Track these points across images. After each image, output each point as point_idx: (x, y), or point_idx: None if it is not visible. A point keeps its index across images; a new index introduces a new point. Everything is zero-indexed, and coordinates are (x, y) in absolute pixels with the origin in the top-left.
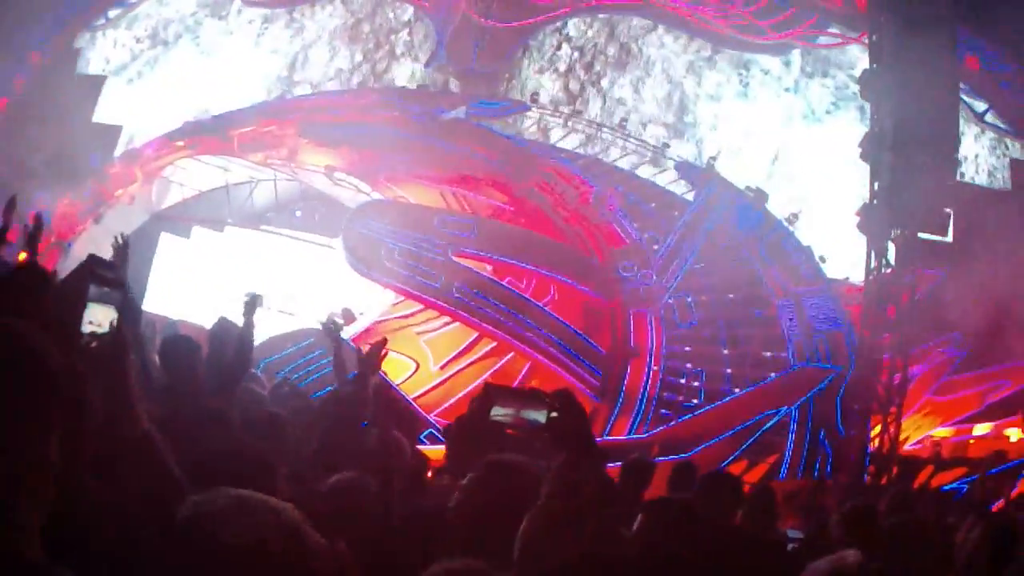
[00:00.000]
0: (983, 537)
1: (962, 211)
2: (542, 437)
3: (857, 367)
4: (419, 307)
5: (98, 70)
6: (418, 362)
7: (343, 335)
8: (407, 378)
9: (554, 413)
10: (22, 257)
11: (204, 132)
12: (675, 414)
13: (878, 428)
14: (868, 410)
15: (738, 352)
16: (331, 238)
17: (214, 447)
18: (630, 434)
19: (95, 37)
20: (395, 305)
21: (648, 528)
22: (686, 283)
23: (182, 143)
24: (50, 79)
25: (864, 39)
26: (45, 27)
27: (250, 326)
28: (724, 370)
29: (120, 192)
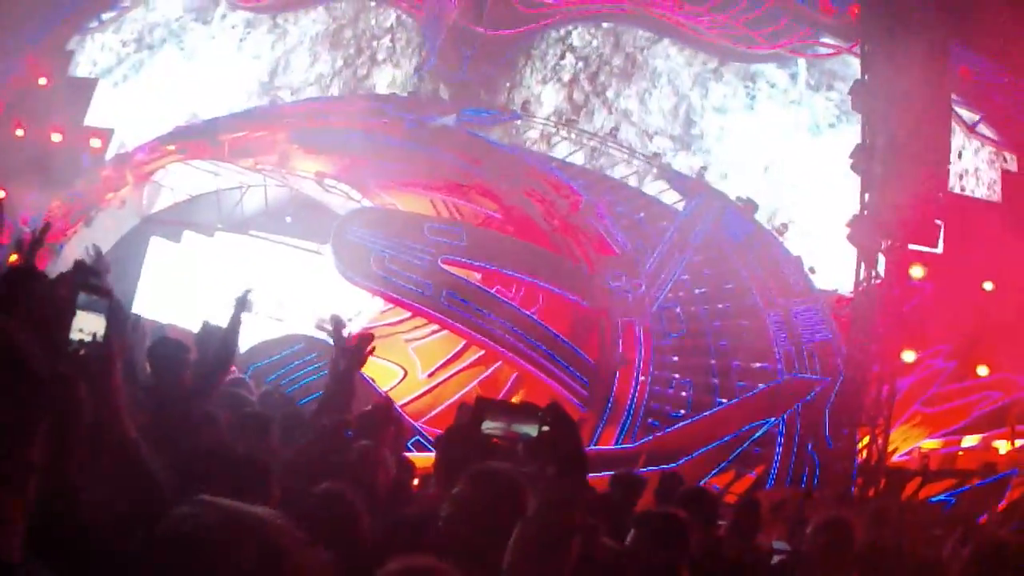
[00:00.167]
0: (973, 554)
1: (953, 222)
2: (532, 451)
3: (845, 378)
4: (408, 314)
5: (85, 73)
6: (406, 369)
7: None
8: (395, 385)
9: (545, 427)
10: (13, 259)
11: (195, 137)
12: (663, 424)
13: (866, 439)
14: (856, 421)
15: (726, 363)
16: (321, 244)
17: (208, 449)
18: (617, 444)
19: (83, 40)
20: (384, 312)
21: (641, 542)
22: (675, 293)
23: (173, 147)
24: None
25: (856, 49)
26: (39, 29)
27: (236, 323)
28: (712, 380)
29: (111, 195)
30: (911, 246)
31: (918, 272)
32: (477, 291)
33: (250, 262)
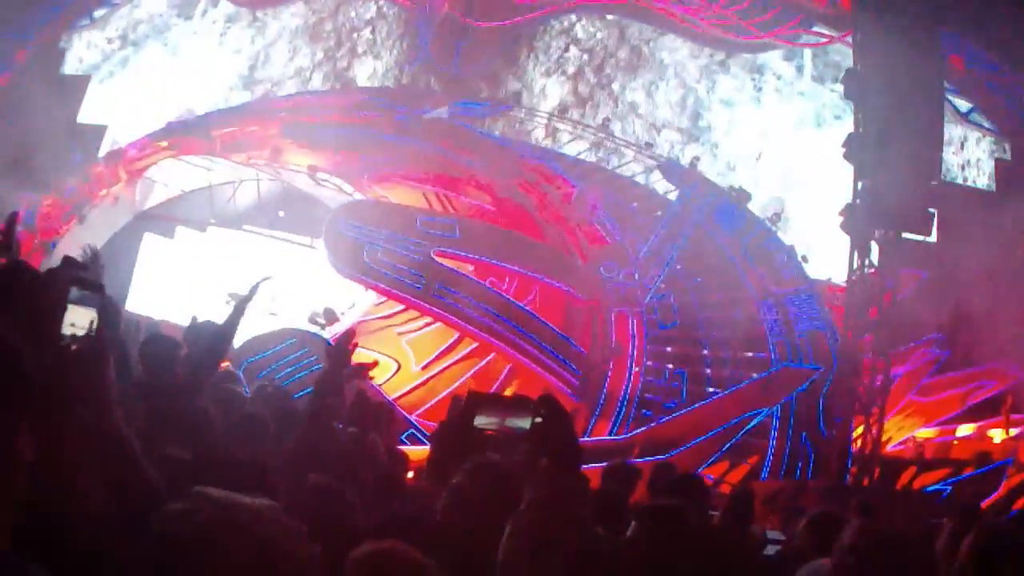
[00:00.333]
0: (974, 544)
1: (947, 211)
2: (525, 443)
3: (839, 368)
4: (401, 307)
5: (72, 70)
6: (400, 362)
7: (324, 335)
8: (389, 378)
9: (538, 419)
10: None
11: (187, 132)
12: (656, 415)
13: (860, 429)
14: (850, 411)
15: (719, 353)
16: (314, 238)
17: (206, 450)
18: (611, 435)
19: (71, 38)
20: (377, 305)
21: (641, 534)
22: (668, 283)
23: (165, 143)
24: (34, 77)
25: (848, 38)
26: (31, 26)
27: (236, 320)
28: (705, 371)
29: (104, 192)
30: (904, 235)
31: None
32: (470, 283)
33: (243, 257)
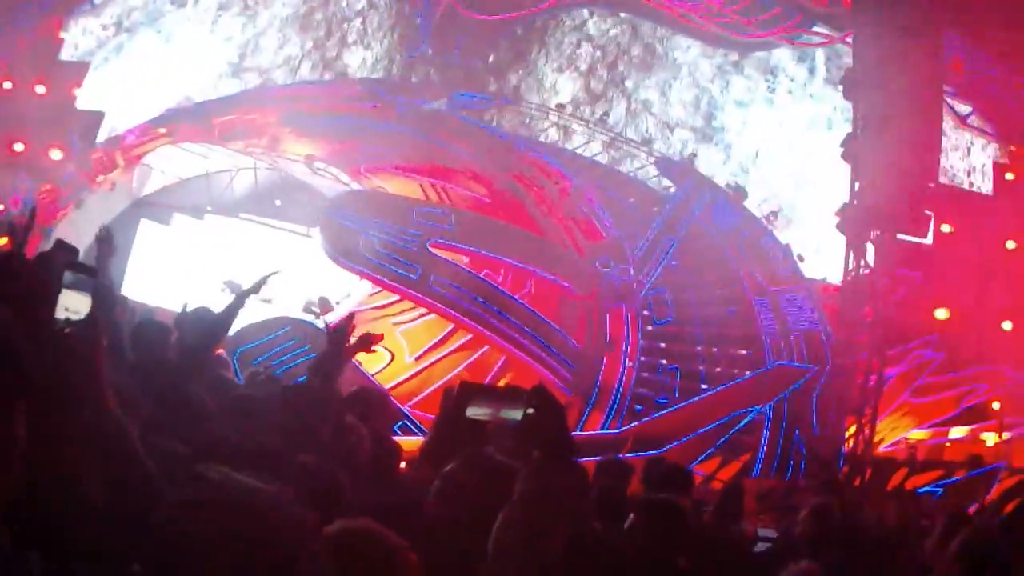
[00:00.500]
0: (961, 545)
1: (944, 213)
2: (517, 435)
3: (833, 367)
4: (396, 298)
5: (67, 56)
6: (393, 353)
7: (319, 324)
8: (382, 368)
9: (530, 410)
10: (3, 243)
11: (185, 119)
12: (649, 410)
13: (853, 429)
14: (843, 410)
15: (713, 350)
16: (310, 227)
17: (199, 431)
18: (604, 429)
19: (68, 24)
20: (372, 295)
21: (639, 527)
22: (663, 279)
23: (164, 130)
24: (35, 64)
25: (849, 38)
26: (31, 12)
27: (235, 310)
28: (699, 367)
29: (101, 178)
30: (900, 236)
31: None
32: (465, 275)
33: (239, 245)
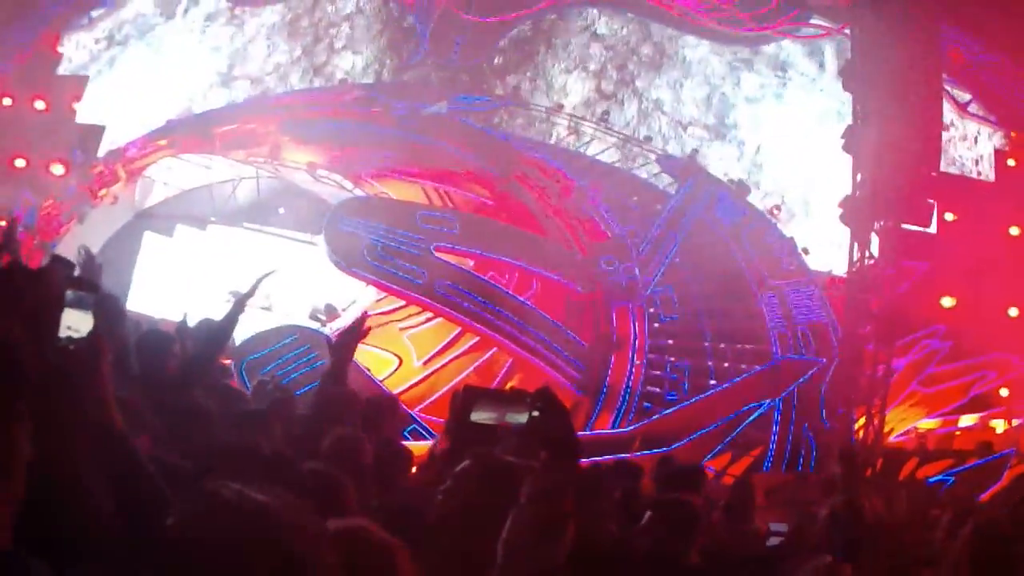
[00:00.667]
0: (969, 535)
1: (947, 202)
2: (523, 438)
3: (841, 359)
4: (402, 303)
5: (62, 70)
6: (401, 358)
7: (325, 331)
8: (390, 374)
9: (535, 412)
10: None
11: (186, 131)
12: (658, 408)
13: (862, 420)
14: (852, 402)
15: (721, 345)
16: (314, 235)
17: (201, 440)
18: (613, 428)
19: (66, 39)
20: (378, 301)
21: (654, 526)
22: (668, 276)
23: (164, 142)
24: (33, 78)
25: (846, 31)
26: (29, 27)
27: (234, 318)
28: (707, 363)
29: (104, 192)
30: (904, 226)
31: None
32: (471, 278)
33: (243, 254)
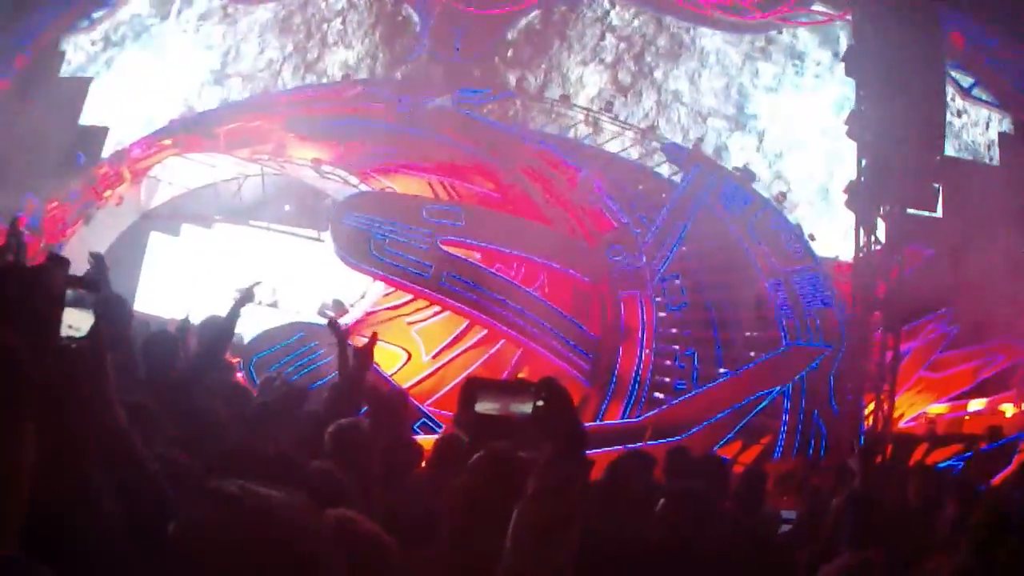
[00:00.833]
0: (976, 521)
1: (952, 186)
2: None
3: (849, 345)
4: (409, 297)
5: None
6: (410, 352)
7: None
8: (399, 368)
9: (540, 402)
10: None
11: (190, 130)
12: (668, 397)
13: (871, 406)
14: (861, 388)
15: (729, 333)
16: (320, 231)
17: (210, 439)
18: (623, 418)
19: (66, 40)
20: (385, 296)
21: (668, 515)
22: (675, 265)
23: (169, 142)
24: (35, 81)
25: (847, 17)
26: (29, 31)
27: (235, 315)
28: (715, 352)
29: (109, 193)
30: (909, 210)
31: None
32: (478, 271)
33: (250, 252)
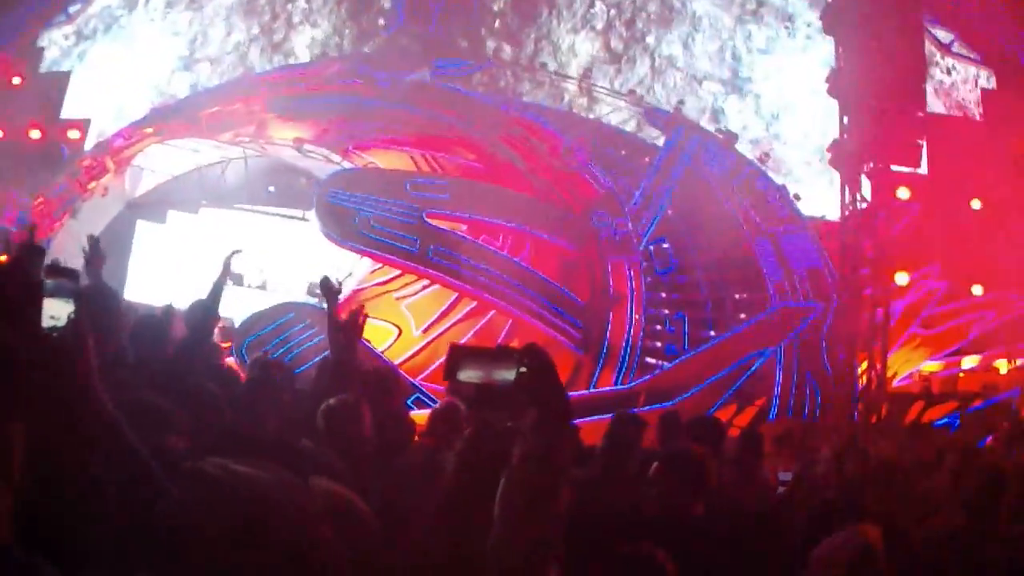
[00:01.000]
0: (978, 479)
1: (937, 142)
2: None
3: (839, 304)
4: (397, 272)
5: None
6: (400, 327)
7: (323, 306)
8: (390, 344)
9: (523, 369)
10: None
11: (171, 116)
12: (660, 361)
13: (864, 365)
14: (852, 346)
15: (718, 295)
16: (305, 211)
17: (208, 422)
18: (616, 384)
19: (44, 35)
20: (373, 272)
21: (663, 477)
22: (661, 229)
23: (151, 129)
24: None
25: None
26: (7, 28)
27: (217, 293)
28: (706, 314)
29: (93, 185)
30: (894, 167)
31: (904, 194)
32: (464, 243)
33: (236, 235)
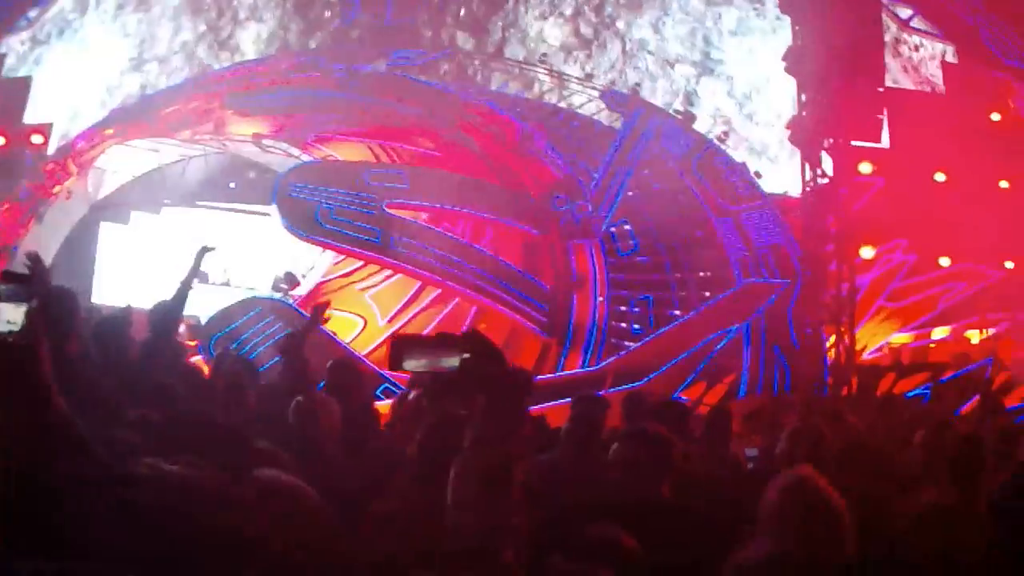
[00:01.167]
0: (958, 449)
1: (898, 116)
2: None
3: (804, 279)
4: (360, 263)
5: None
6: (365, 318)
7: (288, 300)
8: (356, 336)
9: (466, 355)
10: None
11: (131, 117)
12: (626, 342)
13: (833, 339)
14: (819, 321)
15: (682, 275)
16: (267, 205)
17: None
18: (583, 367)
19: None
20: (336, 264)
21: (624, 457)
22: (623, 210)
23: (111, 131)
24: None
25: None
26: None
27: (183, 293)
28: (670, 294)
29: (58, 188)
30: (854, 142)
31: (866, 168)
32: (426, 231)
33: (199, 233)
